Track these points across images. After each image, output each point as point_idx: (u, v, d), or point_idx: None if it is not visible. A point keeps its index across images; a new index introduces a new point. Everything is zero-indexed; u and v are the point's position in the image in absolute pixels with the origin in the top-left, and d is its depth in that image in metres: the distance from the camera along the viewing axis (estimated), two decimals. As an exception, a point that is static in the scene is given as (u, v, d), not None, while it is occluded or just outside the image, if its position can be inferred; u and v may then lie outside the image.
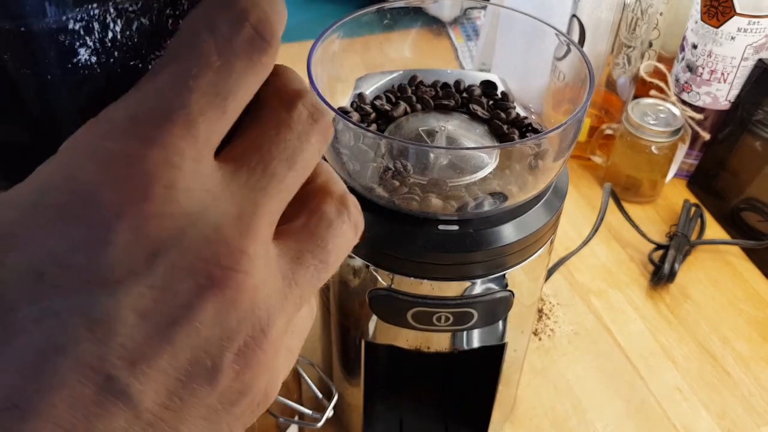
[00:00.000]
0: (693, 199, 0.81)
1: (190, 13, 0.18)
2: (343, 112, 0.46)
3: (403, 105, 0.47)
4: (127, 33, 0.18)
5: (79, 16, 0.17)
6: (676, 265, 0.71)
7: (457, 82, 0.50)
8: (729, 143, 0.78)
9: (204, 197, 0.17)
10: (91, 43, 0.18)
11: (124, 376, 0.15)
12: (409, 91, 0.49)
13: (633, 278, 0.73)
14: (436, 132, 0.45)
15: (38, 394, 0.15)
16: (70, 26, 0.17)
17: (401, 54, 0.54)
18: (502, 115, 0.46)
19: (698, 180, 0.82)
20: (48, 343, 0.15)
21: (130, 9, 0.18)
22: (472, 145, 0.45)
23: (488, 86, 0.50)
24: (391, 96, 0.48)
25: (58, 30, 0.17)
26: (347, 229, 0.20)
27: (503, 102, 0.48)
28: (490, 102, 0.49)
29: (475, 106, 0.47)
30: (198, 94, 0.17)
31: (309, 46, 0.44)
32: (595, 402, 0.62)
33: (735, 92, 0.76)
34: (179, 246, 0.16)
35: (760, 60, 0.73)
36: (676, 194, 0.82)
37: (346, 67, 0.50)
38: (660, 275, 0.71)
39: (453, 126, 0.46)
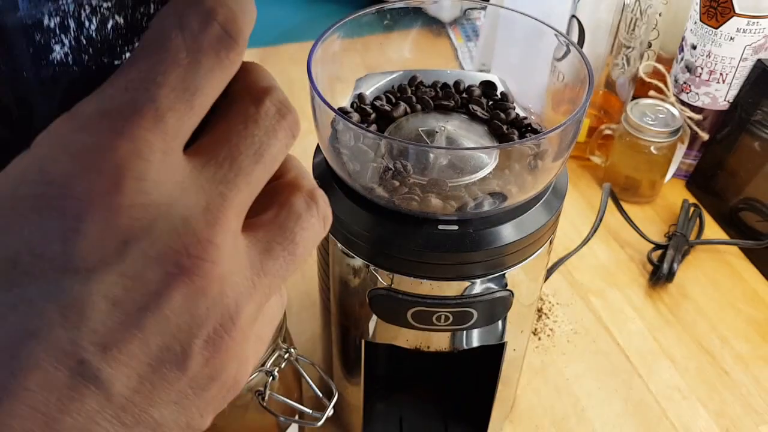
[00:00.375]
0: (692, 199, 0.81)
1: (159, 10, 0.19)
2: (343, 112, 0.46)
3: (403, 105, 0.47)
4: (102, 31, 0.19)
5: (54, 12, 0.18)
6: (675, 265, 0.71)
7: (457, 83, 0.50)
8: (728, 143, 0.78)
9: (173, 189, 0.17)
10: (66, 41, 0.18)
11: (96, 360, 0.16)
12: (409, 91, 0.49)
13: (632, 278, 0.73)
14: (436, 132, 0.45)
15: (14, 377, 0.15)
16: (45, 23, 0.18)
17: (401, 54, 0.54)
18: (502, 115, 0.47)
19: (697, 180, 0.82)
20: (22, 329, 0.15)
21: (104, 6, 0.18)
22: (472, 146, 0.45)
23: (488, 86, 0.50)
24: (391, 96, 0.49)
25: (33, 26, 0.17)
26: (315, 222, 0.21)
27: (503, 102, 0.49)
28: (490, 102, 0.49)
29: (475, 107, 0.47)
30: (167, 89, 0.17)
31: (309, 47, 0.44)
32: (594, 401, 0.62)
33: (734, 93, 0.76)
34: (149, 236, 0.17)
35: (759, 60, 0.73)
36: (674, 194, 0.82)
37: (346, 68, 0.50)
38: (659, 275, 0.71)
39: (453, 126, 0.46)
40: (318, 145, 0.47)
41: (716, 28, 0.72)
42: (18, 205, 0.16)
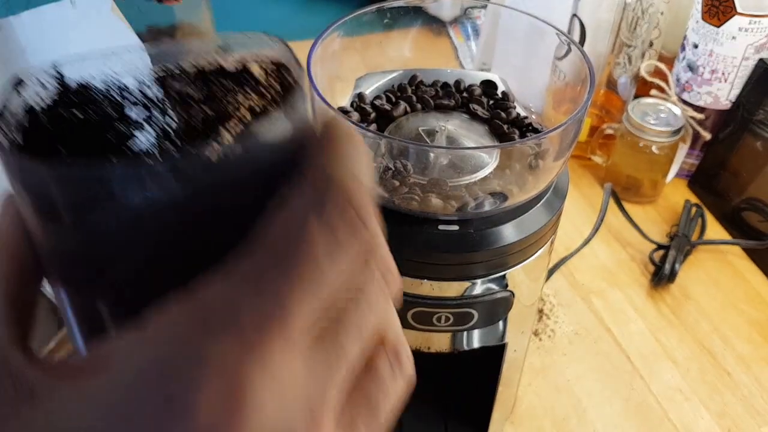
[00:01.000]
0: (694, 199, 0.81)
1: (291, 188, 0.17)
2: (343, 111, 0.46)
3: (403, 105, 0.47)
4: (188, 121, 0.19)
5: (139, 103, 0.18)
6: (677, 265, 0.71)
7: (457, 82, 0.50)
8: (730, 143, 0.77)
9: (287, 406, 0.16)
10: (150, 129, 0.19)
11: None
12: (409, 90, 0.49)
13: (634, 278, 0.73)
14: (436, 132, 0.45)
15: None
16: (129, 112, 0.18)
17: (401, 53, 0.54)
18: (503, 114, 0.46)
19: (699, 180, 0.82)
20: None
21: (193, 96, 0.18)
22: (472, 145, 0.45)
23: (488, 86, 0.50)
24: (391, 96, 0.48)
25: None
26: (399, 387, 0.19)
27: (503, 101, 0.48)
28: (491, 102, 0.49)
29: (476, 106, 0.47)
30: (298, 295, 0.16)
31: (309, 46, 0.44)
32: (595, 402, 0.62)
33: (736, 92, 0.75)
34: None
35: (761, 59, 0.72)
36: (676, 194, 0.82)
37: (346, 67, 0.50)
38: (661, 275, 0.70)
39: (453, 126, 0.46)
40: (317, 145, 0.46)
41: (718, 27, 0.72)
42: (135, 414, 0.15)
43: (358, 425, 0.18)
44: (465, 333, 0.46)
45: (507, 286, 0.43)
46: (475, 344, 0.47)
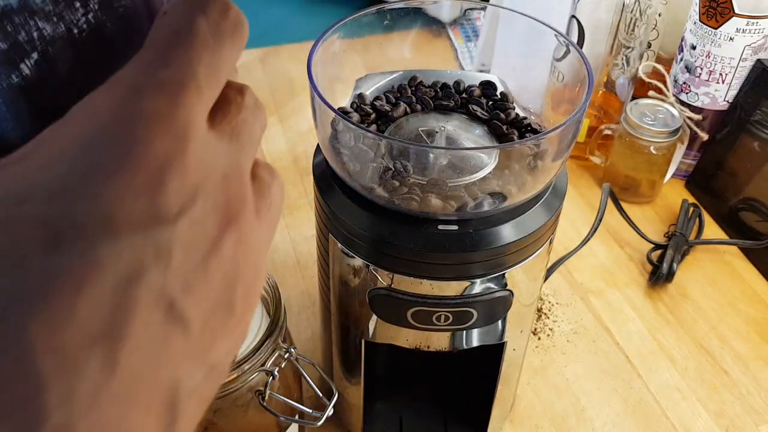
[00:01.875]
0: (691, 199, 0.81)
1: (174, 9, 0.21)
2: (343, 112, 0.46)
3: (403, 105, 0.47)
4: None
5: None
6: (675, 265, 0.71)
7: (457, 83, 0.50)
8: (727, 143, 0.78)
9: (211, 149, 0.20)
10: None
11: (180, 300, 0.18)
12: (409, 91, 0.49)
13: (632, 278, 0.73)
14: (436, 132, 0.45)
15: (123, 324, 0.17)
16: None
17: (401, 54, 0.54)
18: (502, 115, 0.47)
19: (697, 180, 0.82)
20: (126, 273, 0.17)
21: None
22: (472, 146, 0.45)
23: (488, 87, 0.50)
24: (391, 96, 0.49)
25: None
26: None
27: (502, 102, 0.49)
28: (490, 102, 0.49)
29: (475, 107, 0.47)
30: (203, 68, 0.20)
31: (309, 47, 0.44)
32: (593, 401, 0.62)
33: (733, 93, 0.76)
34: (209, 186, 0.19)
35: (758, 60, 0.73)
36: (674, 194, 0.82)
37: (347, 68, 0.50)
38: (658, 275, 0.71)
39: (453, 126, 0.46)
40: (318, 145, 0.47)
41: (716, 29, 0.72)
42: (101, 169, 0.18)
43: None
44: (464, 332, 0.46)
45: (506, 285, 0.44)
46: (475, 343, 0.48)
